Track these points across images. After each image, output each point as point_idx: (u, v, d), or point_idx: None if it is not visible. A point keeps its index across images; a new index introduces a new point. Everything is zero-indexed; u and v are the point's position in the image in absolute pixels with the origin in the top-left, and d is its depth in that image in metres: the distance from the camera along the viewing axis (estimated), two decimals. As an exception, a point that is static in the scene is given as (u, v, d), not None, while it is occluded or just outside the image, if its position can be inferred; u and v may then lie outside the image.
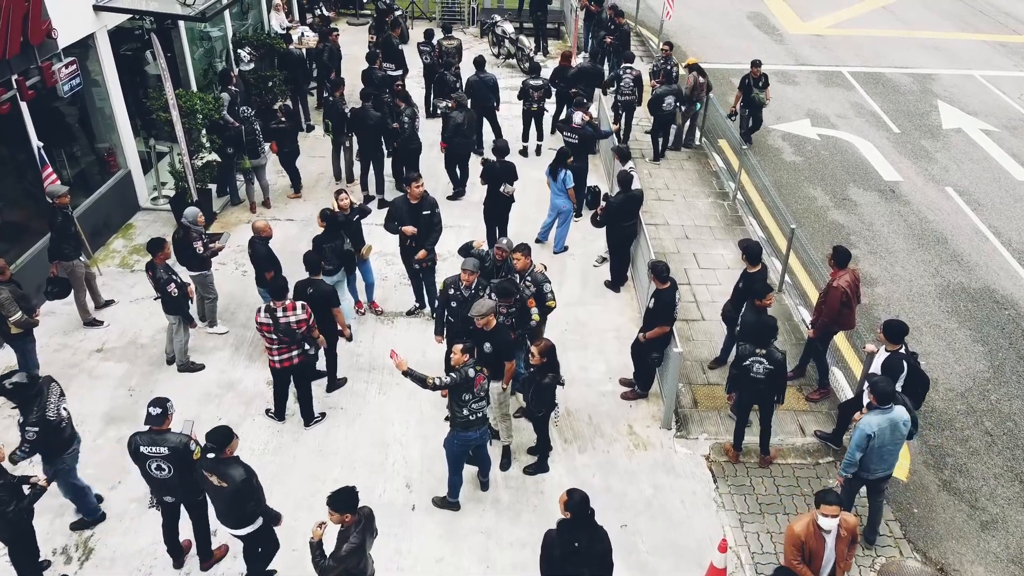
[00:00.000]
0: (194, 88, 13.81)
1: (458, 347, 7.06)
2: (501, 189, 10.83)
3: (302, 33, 15.97)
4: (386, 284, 10.95)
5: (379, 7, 19.74)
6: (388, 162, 13.06)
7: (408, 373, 6.93)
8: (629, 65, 14.00)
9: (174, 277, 8.82)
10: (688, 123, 14.72)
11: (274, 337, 8.11)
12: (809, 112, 16.98)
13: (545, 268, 8.77)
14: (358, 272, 10.12)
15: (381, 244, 11.41)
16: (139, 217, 12.41)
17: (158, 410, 6.38)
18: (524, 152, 14.49)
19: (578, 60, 18.38)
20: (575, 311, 10.41)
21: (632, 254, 10.87)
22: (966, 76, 19.17)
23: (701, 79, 14.21)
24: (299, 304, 8.11)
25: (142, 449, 6.39)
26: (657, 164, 14.32)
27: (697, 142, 15.14)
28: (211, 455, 6.20)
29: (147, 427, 6.44)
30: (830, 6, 23.93)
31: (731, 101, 15.48)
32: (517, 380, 8.32)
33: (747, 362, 7.54)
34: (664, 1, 18.83)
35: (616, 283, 10.91)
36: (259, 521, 6.46)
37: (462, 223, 12.42)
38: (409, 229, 9.42)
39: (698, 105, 14.38)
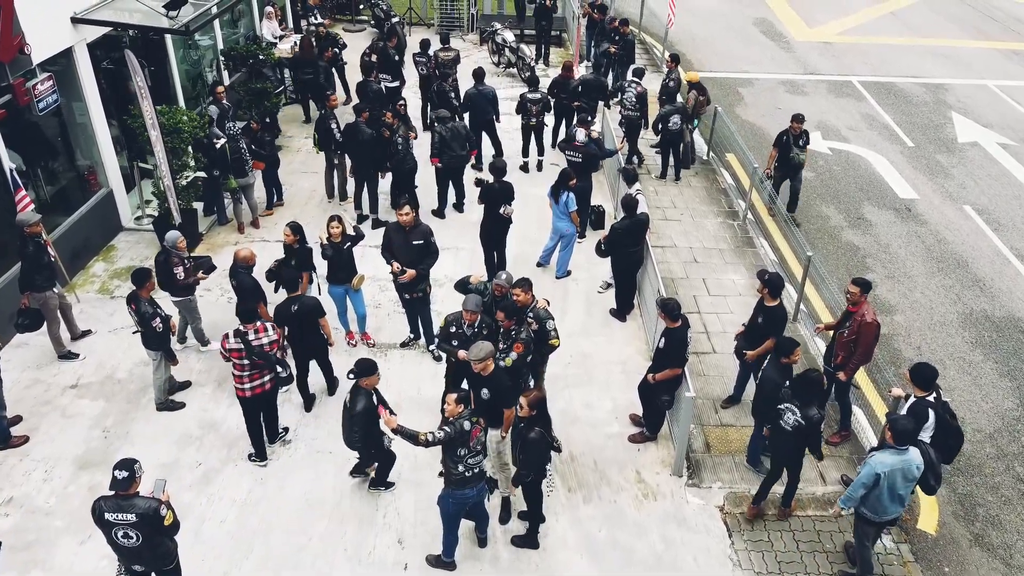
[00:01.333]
0: (181, 102, 13.27)
1: (452, 397, 6.51)
2: (500, 211, 10.26)
3: (294, 43, 15.40)
4: (379, 312, 10.38)
5: (375, 14, 19.25)
6: (386, 179, 12.49)
7: (398, 431, 6.37)
8: (635, 80, 13.42)
9: (159, 311, 8.25)
10: (690, 141, 14.13)
11: (246, 363, 7.65)
12: (819, 124, 16.41)
13: (548, 303, 8.20)
14: (349, 303, 9.56)
15: (374, 268, 10.86)
16: (121, 238, 11.83)
17: (124, 473, 5.81)
18: (524, 168, 13.93)
19: (580, 70, 17.88)
20: (579, 342, 9.85)
21: (639, 281, 10.31)
22: (979, 86, 18.62)
23: (701, 97, 13.65)
24: (268, 325, 7.77)
25: (107, 516, 5.83)
26: (663, 181, 13.75)
27: (705, 157, 14.57)
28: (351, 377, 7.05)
29: (112, 492, 5.87)
30: (837, 12, 23.38)
31: (744, 115, 14.91)
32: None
33: (781, 407, 6.98)
34: (668, 8, 18.25)
35: (622, 312, 10.35)
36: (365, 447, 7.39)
37: (459, 244, 11.86)
38: (406, 275, 8.99)
39: (696, 122, 13.82)
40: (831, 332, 8.46)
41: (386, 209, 12.25)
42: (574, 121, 14.11)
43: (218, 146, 10.90)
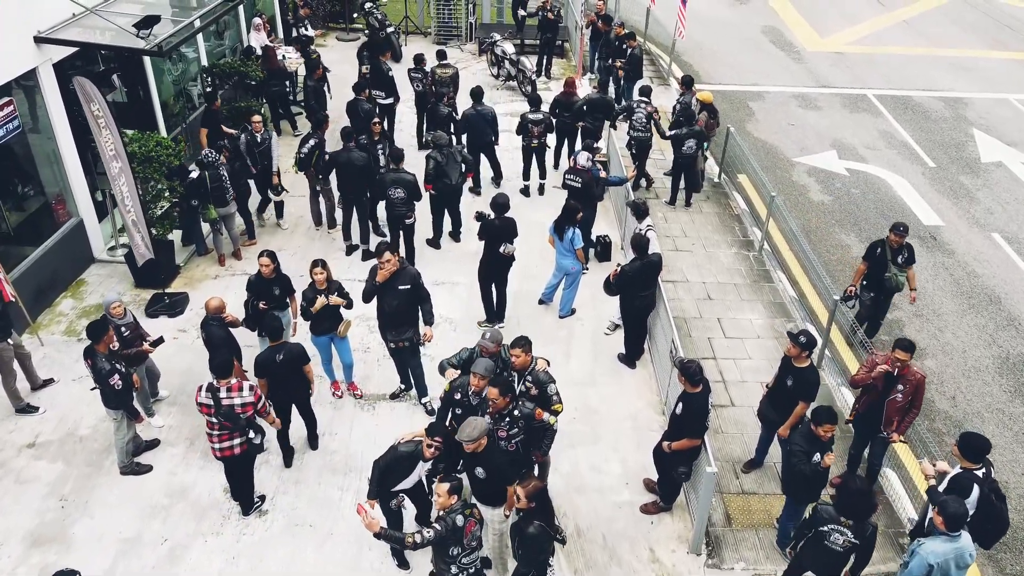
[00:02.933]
0: (160, 122, 12.44)
1: (443, 487, 5.70)
2: (501, 249, 9.45)
3: (282, 56, 14.58)
4: (367, 358, 9.56)
5: (370, 23, 18.42)
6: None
7: (382, 535, 5.56)
8: (644, 99, 12.60)
9: (118, 367, 7.44)
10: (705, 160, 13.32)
11: (214, 421, 6.92)
12: (835, 142, 15.61)
13: (548, 364, 7.36)
14: (334, 351, 8.75)
15: (363, 308, 10.04)
16: (93, 271, 11.02)
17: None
18: (525, 192, 13.12)
19: (583, 82, 17.08)
20: (585, 394, 9.04)
21: (649, 324, 9.50)
22: (1000, 100, 17.82)
23: (711, 120, 12.84)
24: (246, 385, 6.99)
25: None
26: (673, 207, 12.93)
27: (716, 179, 13.75)
28: None
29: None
30: (849, 20, 22.57)
31: (756, 132, 14.10)
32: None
33: (824, 528, 6.08)
34: (676, 18, 17.44)
35: (631, 358, 9.54)
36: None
37: (456, 278, 11.06)
38: (427, 337, 8.41)
39: (706, 145, 13.01)
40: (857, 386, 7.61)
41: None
42: (577, 143, 13.36)
43: (194, 176, 10.10)
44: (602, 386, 9.24)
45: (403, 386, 8.97)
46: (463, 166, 11.18)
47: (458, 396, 6.87)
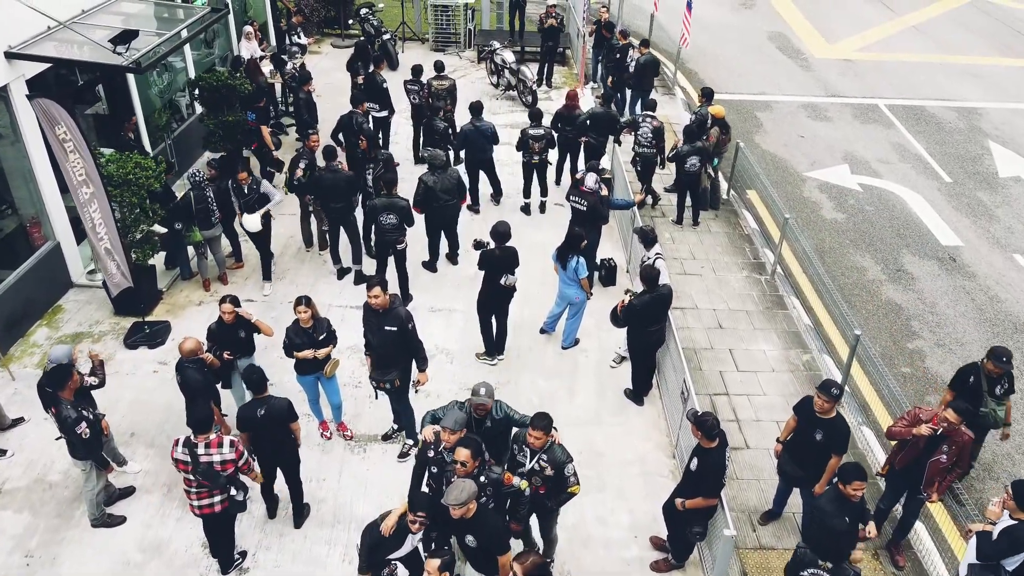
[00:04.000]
0: (145, 139, 11.86)
1: (433, 563, 5.16)
2: (501, 281, 8.89)
3: (272, 68, 14.01)
4: (358, 394, 9.00)
5: (365, 29, 17.86)
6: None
7: None
8: (650, 114, 12.05)
9: (85, 414, 6.87)
10: (715, 180, 12.76)
11: (192, 478, 6.38)
12: (847, 155, 15.06)
13: (558, 433, 6.62)
14: (321, 390, 8.19)
15: (355, 337, 9.50)
16: (71, 297, 10.46)
17: None
18: (526, 209, 12.56)
19: (586, 92, 16.53)
20: (590, 435, 8.48)
21: (658, 357, 8.95)
22: (1015, 111, 17.27)
23: (723, 135, 12.30)
24: (227, 440, 6.44)
25: None
26: (680, 227, 12.37)
27: (725, 196, 13.20)
28: None
29: None
30: (857, 26, 22.01)
31: (765, 144, 13.51)
32: None
33: (804, 573, 5.63)
34: (681, 25, 16.88)
35: (639, 394, 8.99)
36: None
37: (453, 305, 10.51)
38: (422, 381, 7.85)
39: (716, 161, 12.46)
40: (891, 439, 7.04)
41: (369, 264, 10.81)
42: (579, 158, 12.81)
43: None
44: (608, 426, 8.68)
45: (395, 426, 8.41)
46: (459, 191, 10.57)
47: (431, 453, 6.30)
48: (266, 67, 14.05)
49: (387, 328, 7.41)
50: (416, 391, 8.03)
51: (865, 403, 9.28)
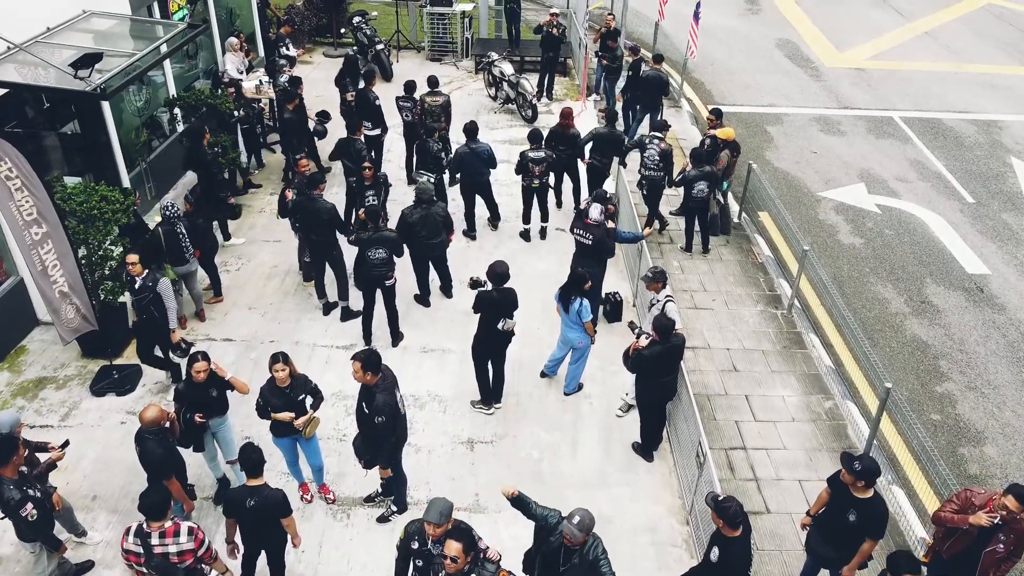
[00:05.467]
0: (120, 165, 11.10)
1: None
2: (499, 325, 8.16)
3: (259, 82, 13.27)
4: (343, 448, 8.24)
5: (358, 39, 17.13)
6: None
7: None
8: (658, 135, 11.31)
9: (31, 493, 6.13)
10: (725, 206, 12.01)
11: (145, 572, 5.65)
12: (863, 173, 14.32)
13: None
14: (300, 451, 7.45)
15: (340, 382, 8.80)
16: (36, 336, 9.72)
17: None
18: (525, 236, 11.82)
19: (588, 105, 15.81)
20: (595, 497, 7.72)
21: (669, 408, 8.22)
22: (1037, 123, 16.54)
23: (734, 157, 11.57)
24: (184, 527, 5.69)
25: None
26: (689, 255, 11.63)
27: (736, 219, 12.45)
28: None
29: None
30: (867, 32, 21.26)
31: (777, 162, 12.80)
32: None
33: None
34: (688, 36, 16.15)
35: (648, 448, 8.26)
36: None
37: (447, 344, 9.77)
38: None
39: (725, 185, 11.72)
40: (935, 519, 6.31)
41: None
42: (582, 181, 12.08)
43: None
44: (614, 486, 7.94)
45: (380, 489, 7.65)
46: (445, 228, 9.81)
47: (415, 545, 5.55)
48: (251, 81, 13.30)
49: (364, 410, 6.63)
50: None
51: (893, 456, 8.55)
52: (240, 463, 6.23)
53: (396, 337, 9.70)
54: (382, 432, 6.56)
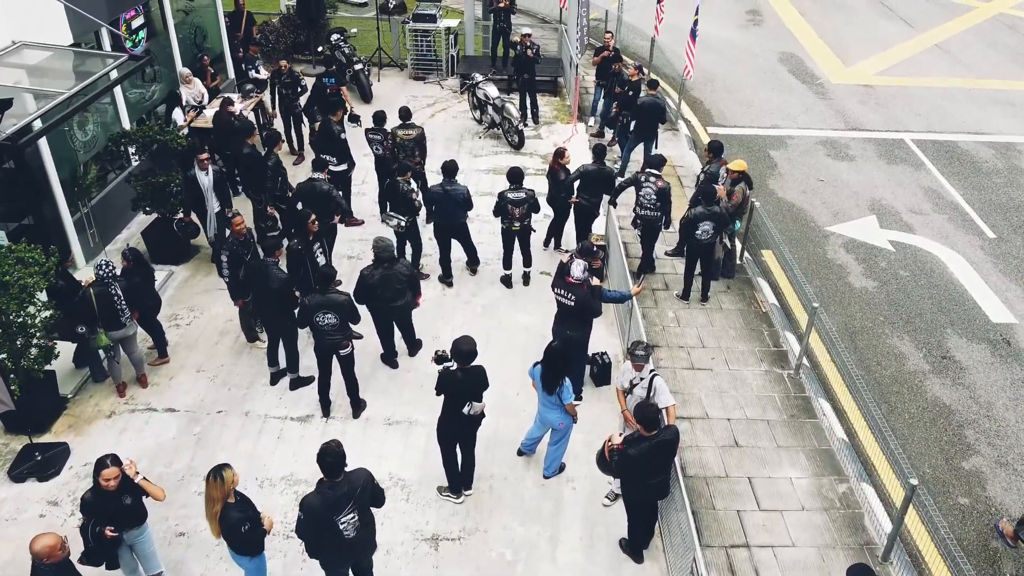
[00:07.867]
0: (64, 211, 10.09)
1: None
2: (465, 410, 7.13)
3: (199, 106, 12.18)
4: (289, 548, 7.23)
5: (336, 57, 16.10)
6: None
7: None
8: (654, 173, 10.29)
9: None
10: (731, 249, 10.97)
11: None
12: (874, 205, 13.29)
13: None
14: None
15: (294, 461, 7.80)
16: (-43, 407, 8.71)
17: None
18: (507, 282, 10.80)
19: (579, 129, 14.81)
20: (576, 611, 6.72)
21: (660, 506, 7.19)
22: (1058, 146, 15.50)
23: (749, 191, 10.54)
24: None
25: None
26: (687, 303, 10.60)
27: (739, 261, 11.42)
28: None
29: None
30: (875, 45, 20.21)
31: (781, 191, 11.81)
32: None
33: None
34: (684, 54, 15.13)
35: (637, 548, 7.23)
36: None
37: (414, 415, 8.75)
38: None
39: (737, 224, 10.69)
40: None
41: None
42: (567, 221, 11.09)
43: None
44: (600, 594, 6.93)
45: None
46: (411, 289, 8.80)
47: None
48: (211, 109, 12.30)
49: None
50: None
51: (917, 552, 7.51)
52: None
53: (357, 407, 8.69)
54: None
